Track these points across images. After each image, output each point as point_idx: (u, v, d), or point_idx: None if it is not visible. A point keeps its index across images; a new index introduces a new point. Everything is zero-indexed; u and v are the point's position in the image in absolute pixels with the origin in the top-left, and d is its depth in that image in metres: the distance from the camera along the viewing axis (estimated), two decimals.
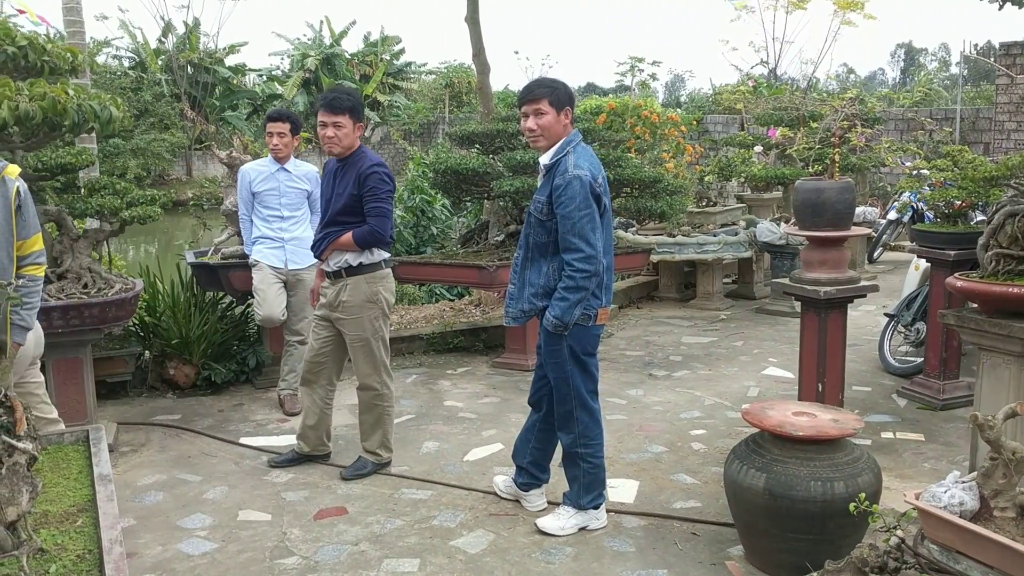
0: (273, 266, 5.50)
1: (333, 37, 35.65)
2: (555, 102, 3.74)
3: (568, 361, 3.80)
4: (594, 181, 3.65)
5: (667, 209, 6.47)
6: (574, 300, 3.66)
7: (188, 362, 5.95)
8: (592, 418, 3.92)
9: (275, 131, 5.50)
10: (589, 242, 3.61)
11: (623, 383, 6.16)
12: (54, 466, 2.85)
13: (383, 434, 4.60)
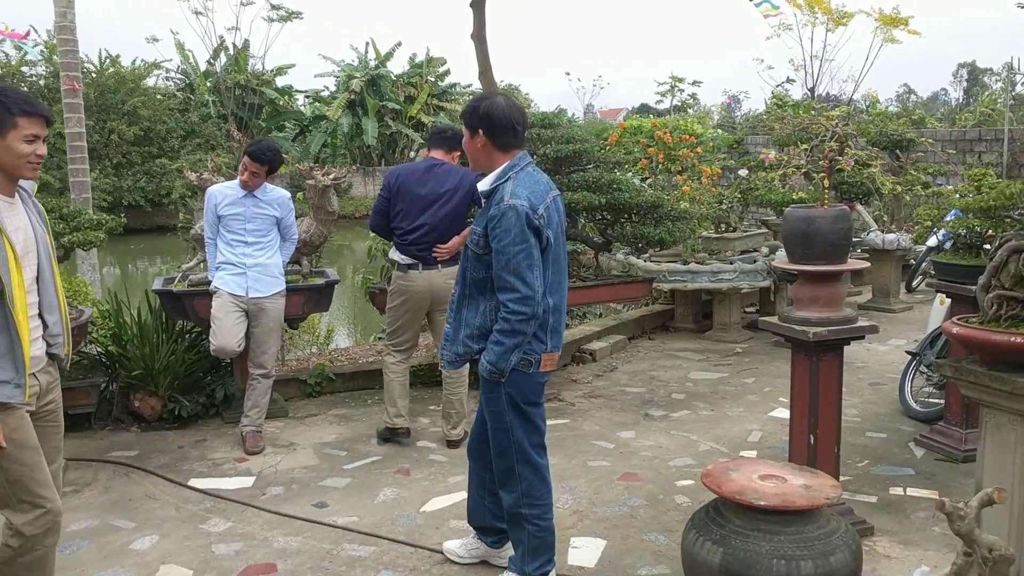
0: (233, 293, 5.18)
1: (379, 59, 35.82)
2: (467, 124, 3.38)
3: (507, 411, 3.37)
4: (532, 212, 3.20)
5: (667, 236, 6.01)
6: (509, 345, 3.23)
7: (154, 394, 5.66)
8: (538, 475, 3.47)
9: (251, 168, 5.16)
10: (525, 281, 3.18)
11: (615, 424, 5.71)
12: None
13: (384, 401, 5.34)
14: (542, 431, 3.48)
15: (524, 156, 3.41)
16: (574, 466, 4.96)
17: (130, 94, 28.66)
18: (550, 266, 3.31)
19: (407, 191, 5.08)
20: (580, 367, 7.21)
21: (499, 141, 3.33)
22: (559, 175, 6.02)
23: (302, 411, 6.05)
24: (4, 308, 2.78)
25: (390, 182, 5.15)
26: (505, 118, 3.31)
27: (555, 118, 7.44)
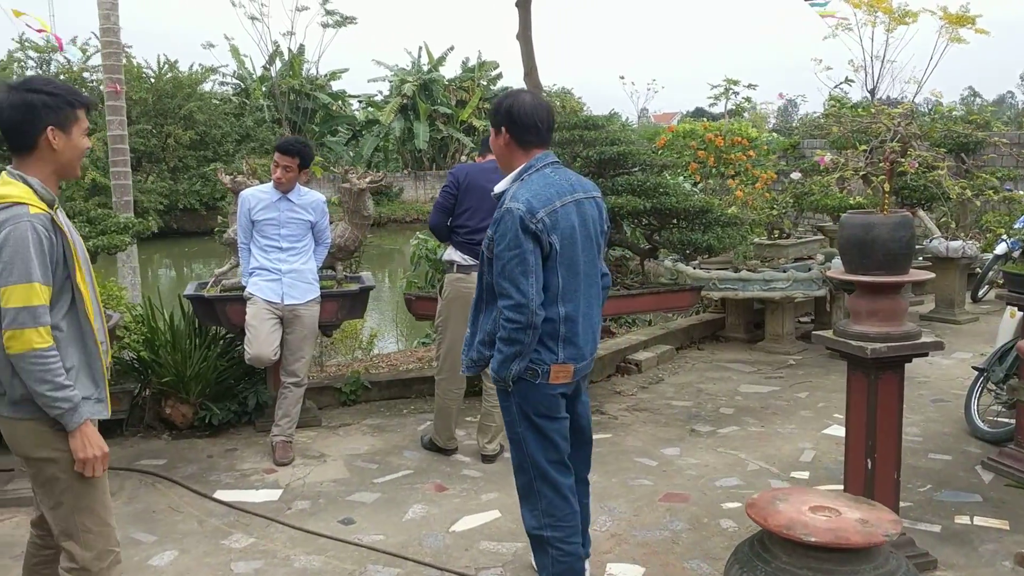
0: (268, 300, 5.04)
1: (431, 63, 35.86)
2: (493, 122, 3.25)
3: (518, 422, 3.19)
4: (530, 216, 3.00)
5: (715, 243, 5.73)
6: (508, 353, 3.06)
7: (185, 401, 5.55)
8: (558, 494, 3.23)
9: (282, 163, 5.03)
10: (519, 288, 3.00)
11: (659, 440, 5.44)
12: None
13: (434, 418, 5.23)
14: (560, 448, 3.25)
15: (544, 157, 3.22)
16: (614, 485, 4.71)
17: (187, 99, 29.02)
18: (558, 273, 3.10)
19: (476, 189, 4.84)
20: (625, 378, 6.95)
21: (522, 139, 3.20)
22: (603, 178, 5.79)
23: (335, 420, 5.89)
24: (78, 318, 2.65)
25: (458, 179, 4.94)
26: (528, 115, 3.18)
27: (600, 119, 7.21)
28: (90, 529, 2.72)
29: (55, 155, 2.62)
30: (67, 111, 2.64)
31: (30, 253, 2.48)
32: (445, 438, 5.16)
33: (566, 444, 3.29)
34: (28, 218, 2.51)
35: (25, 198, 2.53)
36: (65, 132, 2.64)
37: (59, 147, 2.61)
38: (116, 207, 7.88)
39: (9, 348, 2.48)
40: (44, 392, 2.52)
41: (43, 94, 2.60)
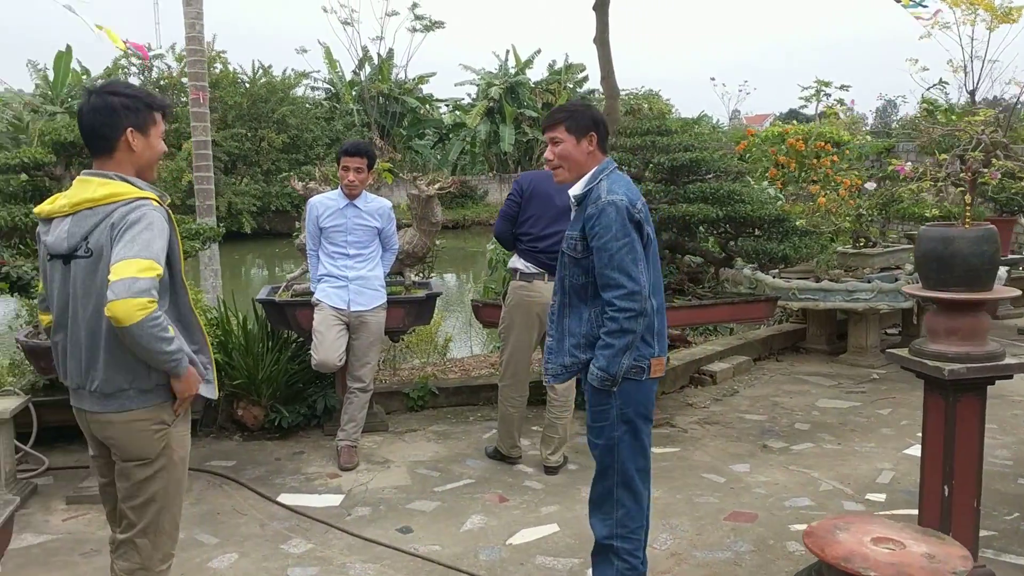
0: (335, 306, 5.08)
1: (518, 66, 35.97)
2: (573, 129, 3.24)
3: (616, 425, 3.15)
4: (632, 206, 3.10)
5: (791, 252, 5.53)
6: (620, 346, 3.04)
7: (256, 403, 5.65)
8: (637, 504, 3.21)
9: (352, 165, 5.08)
10: (631, 275, 3.03)
11: (729, 455, 5.28)
12: None
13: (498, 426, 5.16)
14: (649, 455, 3.26)
15: (611, 160, 3.34)
16: (678, 501, 4.59)
17: (280, 103, 29.79)
18: (651, 265, 3.16)
19: (541, 197, 4.84)
20: (698, 390, 6.78)
21: (604, 144, 3.31)
22: (675, 185, 5.65)
23: (402, 426, 5.91)
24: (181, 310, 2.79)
25: (522, 186, 4.92)
26: (606, 123, 3.33)
27: (673, 124, 7.05)
28: (167, 531, 2.84)
29: (134, 156, 2.72)
30: (145, 113, 2.74)
31: (154, 234, 2.59)
32: (508, 446, 5.12)
33: (651, 451, 3.26)
34: (156, 209, 2.65)
35: (145, 194, 2.66)
36: (143, 134, 2.74)
37: (138, 148, 2.71)
38: (199, 211, 8.10)
39: (124, 319, 2.48)
40: (163, 350, 2.58)
41: (123, 96, 2.70)
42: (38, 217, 2.79)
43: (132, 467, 2.76)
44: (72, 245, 2.63)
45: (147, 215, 2.59)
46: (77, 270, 2.65)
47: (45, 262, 2.75)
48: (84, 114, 2.69)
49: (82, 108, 2.69)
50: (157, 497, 2.79)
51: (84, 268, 2.64)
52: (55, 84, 30.60)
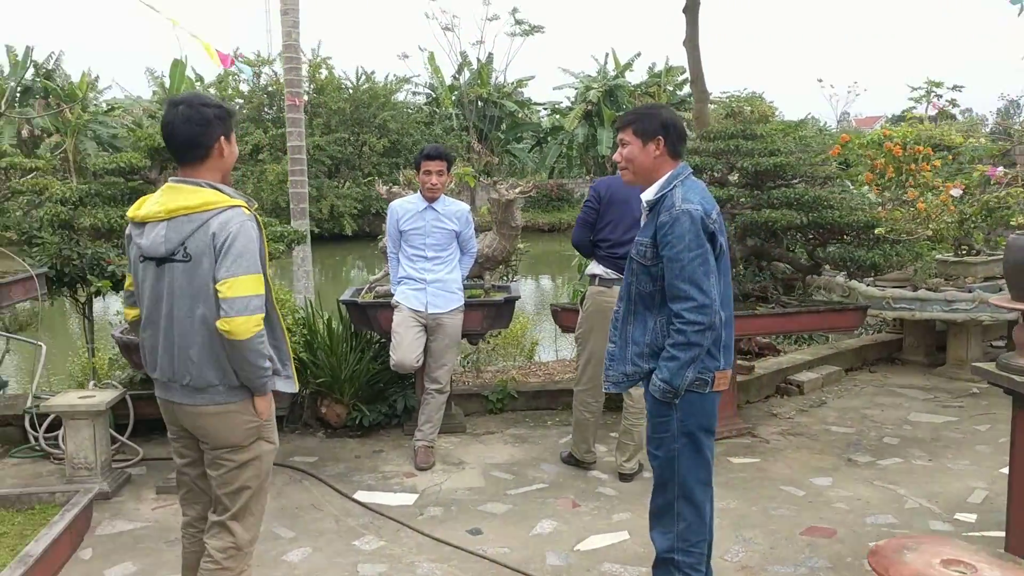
0: (413, 308, 5.17)
1: (617, 69, 35.73)
2: (640, 132, 3.21)
3: (677, 438, 3.12)
4: (707, 216, 3.04)
5: (881, 260, 5.33)
6: (685, 359, 3.01)
7: (339, 402, 5.79)
8: (698, 517, 3.17)
9: (433, 169, 5.17)
10: (701, 288, 2.98)
11: (810, 468, 5.13)
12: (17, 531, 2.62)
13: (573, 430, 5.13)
14: (711, 468, 3.21)
15: (686, 166, 3.27)
16: (753, 513, 4.48)
17: (381, 108, 30.41)
18: (722, 276, 3.11)
19: (618, 202, 4.80)
20: (784, 399, 6.61)
21: (675, 149, 3.24)
22: (759, 190, 5.53)
23: (480, 428, 5.96)
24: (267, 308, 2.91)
25: (599, 192, 4.88)
26: (681, 127, 3.27)
27: (774, 127, 6.89)
28: (256, 514, 3.04)
29: (222, 162, 2.90)
30: (228, 122, 2.92)
31: (255, 247, 2.80)
32: (583, 451, 5.10)
33: (713, 463, 3.21)
34: (247, 218, 2.81)
35: (237, 201, 2.83)
36: (228, 141, 2.91)
37: (226, 155, 2.90)
38: (293, 214, 8.35)
39: (238, 335, 2.72)
40: (260, 366, 2.81)
41: (213, 107, 2.87)
42: (130, 220, 2.93)
43: (225, 455, 2.93)
44: (170, 249, 2.77)
45: (244, 226, 2.77)
46: (175, 273, 2.79)
47: (137, 262, 2.89)
48: (178, 124, 2.81)
49: (174, 119, 2.82)
50: (250, 483, 2.97)
51: (182, 271, 2.78)
52: (171, 91, 31.98)
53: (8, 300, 5.09)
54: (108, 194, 4.61)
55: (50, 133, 29.25)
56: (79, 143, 29.06)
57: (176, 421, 3.00)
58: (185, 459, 3.08)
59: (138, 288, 2.93)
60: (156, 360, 2.92)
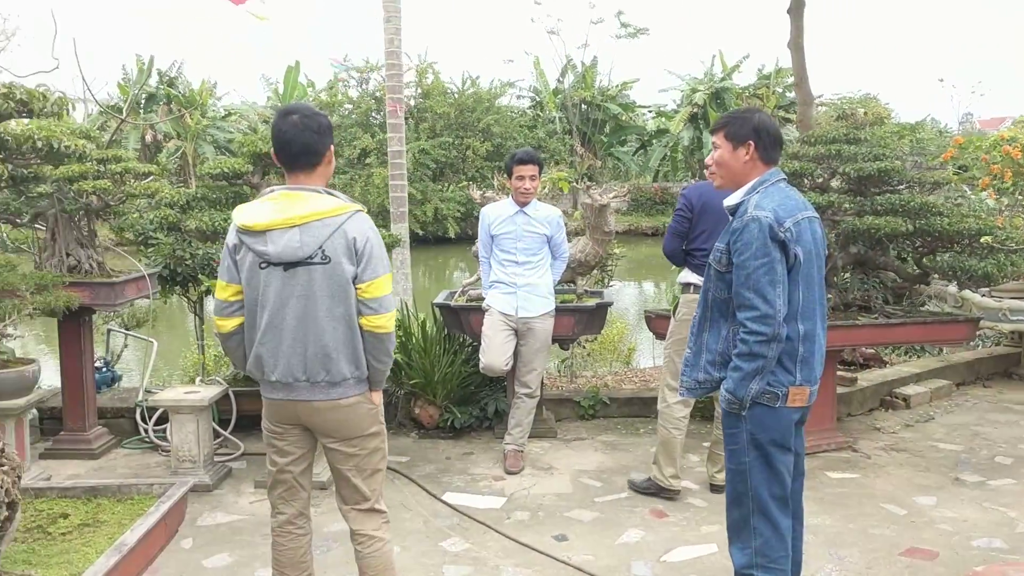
0: (504, 312, 5.20)
1: (725, 71, 35.14)
2: (731, 136, 3.15)
3: (747, 450, 3.06)
4: (778, 224, 2.94)
5: (995, 270, 5.06)
6: (748, 370, 2.95)
7: (432, 403, 5.87)
8: (776, 533, 3.07)
9: (526, 174, 5.20)
10: (765, 298, 2.91)
11: (914, 486, 4.92)
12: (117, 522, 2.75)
13: (657, 452, 4.75)
14: (785, 483, 3.10)
15: (777, 172, 3.18)
16: (851, 531, 4.33)
17: (485, 112, 30.71)
18: (800, 287, 3.00)
19: (712, 211, 4.63)
20: (888, 413, 6.36)
21: (767, 154, 3.16)
22: (861, 196, 5.34)
23: (571, 433, 5.94)
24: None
25: (692, 201, 4.73)
26: (776, 132, 3.18)
27: (888, 130, 6.64)
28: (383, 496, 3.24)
29: (328, 169, 3.03)
30: (333, 130, 3.06)
31: (383, 249, 3.00)
32: (669, 475, 4.73)
33: (790, 479, 3.14)
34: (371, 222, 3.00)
35: (358, 206, 2.98)
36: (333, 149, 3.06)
37: (332, 163, 3.04)
38: (393, 217, 8.50)
39: (387, 328, 2.98)
40: (387, 360, 3.04)
41: (323, 117, 3.01)
42: (244, 229, 2.92)
43: (357, 443, 3.08)
44: (308, 253, 2.87)
45: (375, 230, 2.99)
46: (312, 274, 2.89)
47: (255, 269, 2.93)
48: (297, 132, 2.92)
49: (291, 127, 2.92)
50: (380, 465, 3.17)
51: (321, 273, 2.89)
52: (284, 96, 33.17)
53: (122, 298, 5.35)
54: (213, 198, 4.80)
55: (171, 138, 30.70)
56: (198, 147, 30.45)
57: (293, 419, 3.07)
58: (290, 456, 3.15)
59: (254, 295, 2.96)
60: (276, 362, 2.98)
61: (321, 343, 2.93)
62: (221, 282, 3.00)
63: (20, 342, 9.51)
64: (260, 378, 3.05)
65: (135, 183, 5.40)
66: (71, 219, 5.31)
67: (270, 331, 2.96)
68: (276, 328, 2.95)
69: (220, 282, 3.01)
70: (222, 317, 3.05)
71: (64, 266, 5.25)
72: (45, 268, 5.21)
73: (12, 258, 5.01)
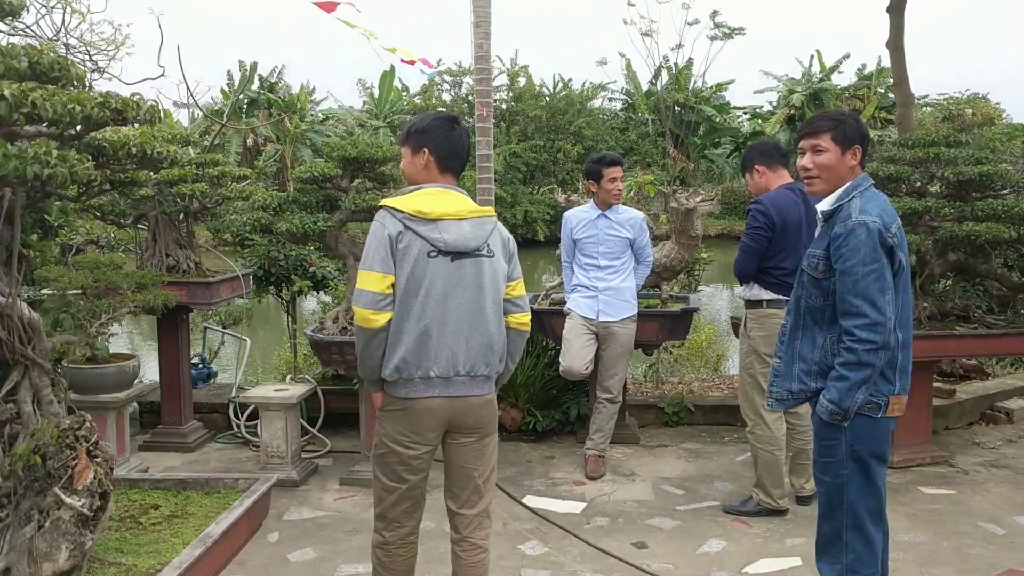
0: (584, 316, 5.18)
1: (823, 71, 34.27)
2: (840, 139, 3.03)
3: (846, 463, 2.97)
4: (885, 230, 2.88)
5: None
6: (855, 380, 2.86)
7: (514, 406, 5.90)
8: (868, 548, 2.99)
9: (617, 176, 5.18)
10: (875, 305, 2.83)
11: (1015, 505, 4.70)
12: (202, 514, 2.85)
13: (760, 477, 4.56)
14: (882, 496, 3.02)
15: (867, 176, 3.10)
16: (944, 549, 4.16)
17: (577, 115, 30.68)
18: (900, 294, 2.93)
19: (792, 227, 4.43)
20: (989, 428, 6.09)
21: (863, 159, 3.10)
22: (961, 201, 5.12)
23: (654, 440, 5.88)
24: None
25: (772, 218, 4.40)
26: (869, 135, 3.11)
27: (998, 131, 6.35)
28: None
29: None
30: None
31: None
32: (778, 496, 4.55)
33: (885, 492, 3.04)
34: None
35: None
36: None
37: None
38: None
39: (528, 327, 3.15)
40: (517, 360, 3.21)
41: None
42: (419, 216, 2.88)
43: (489, 440, 3.13)
44: (477, 245, 2.96)
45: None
46: (480, 266, 2.96)
47: (424, 257, 2.87)
48: (466, 140, 3.10)
49: (462, 135, 3.09)
50: (495, 459, 3.19)
51: (489, 265, 2.99)
52: (379, 101, 33.78)
53: (218, 297, 5.55)
54: (304, 201, 4.93)
55: (271, 141, 31.63)
56: (296, 151, 31.27)
57: (439, 421, 2.97)
58: (422, 473, 3.06)
59: (417, 285, 2.87)
60: (439, 355, 2.90)
61: (487, 335, 2.97)
62: (376, 274, 2.85)
63: (125, 338, 9.96)
64: (410, 377, 2.90)
65: (231, 186, 5.59)
66: (171, 221, 5.54)
67: (436, 322, 2.89)
68: (441, 319, 2.90)
69: (375, 274, 2.85)
70: (376, 311, 2.85)
71: (163, 266, 5.47)
72: (146, 268, 5.44)
73: (117, 258, 5.24)
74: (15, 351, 2.35)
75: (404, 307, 2.87)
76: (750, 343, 4.59)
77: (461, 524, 3.13)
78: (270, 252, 6.36)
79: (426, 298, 2.87)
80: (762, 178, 4.64)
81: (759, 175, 4.65)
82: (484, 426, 3.07)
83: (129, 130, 2.59)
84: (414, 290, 2.87)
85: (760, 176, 4.65)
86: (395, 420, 2.96)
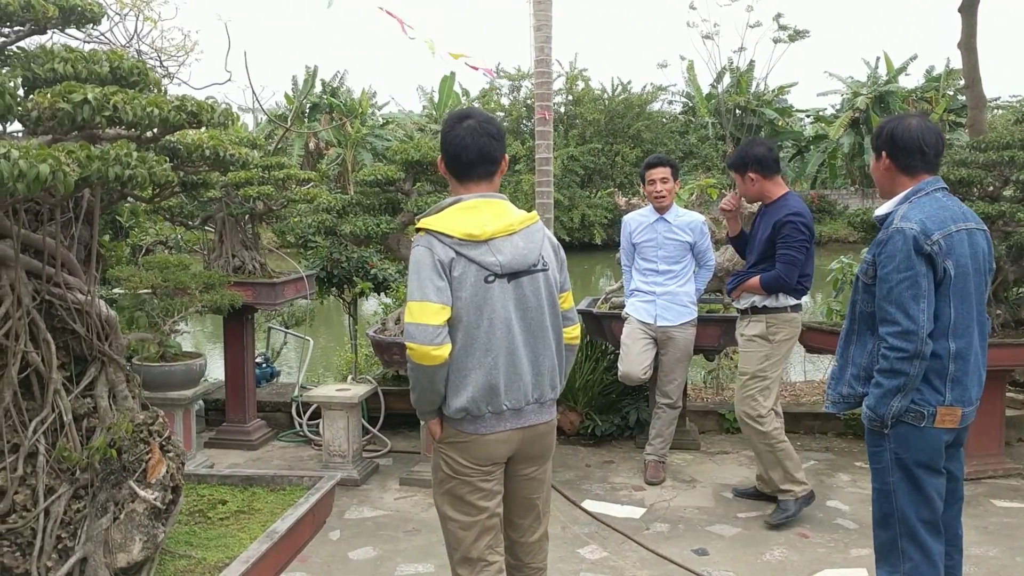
0: (642, 321, 5.15)
1: (890, 73, 33.62)
2: (873, 146, 3.11)
3: (891, 471, 2.94)
4: (925, 237, 2.81)
5: None
6: (889, 387, 2.84)
7: (573, 409, 5.88)
8: (927, 559, 2.92)
9: (656, 177, 5.15)
10: (908, 313, 2.79)
11: None
12: (268, 509, 2.90)
13: (783, 470, 4.54)
14: (935, 507, 2.94)
15: (933, 182, 3.03)
16: (1018, 564, 4.04)
17: (636, 118, 30.53)
18: (950, 303, 2.86)
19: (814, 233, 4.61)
20: None
21: (903, 164, 3.03)
22: None
23: (714, 446, 5.81)
24: None
25: (812, 229, 4.54)
26: (912, 140, 3.00)
27: None
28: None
29: (500, 178, 2.78)
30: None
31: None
32: (801, 476, 4.59)
33: (941, 503, 2.98)
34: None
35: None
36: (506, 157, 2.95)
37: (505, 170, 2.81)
38: None
39: (579, 341, 2.98)
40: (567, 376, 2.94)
41: (498, 121, 2.86)
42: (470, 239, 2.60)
43: (548, 464, 2.95)
44: (534, 260, 2.67)
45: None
46: (537, 283, 2.69)
47: (480, 284, 2.61)
48: (474, 138, 2.68)
49: (467, 132, 2.69)
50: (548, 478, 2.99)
51: (544, 280, 2.71)
52: (439, 105, 34.10)
53: (282, 298, 5.65)
54: (367, 203, 4.99)
55: (333, 145, 32.12)
56: (357, 154, 31.72)
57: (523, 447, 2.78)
58: (498, 496, 2.80)
59: (478, 314, 2.61)
60: (510, 385, 2.67)
61: (551, 357, 2.75)
62: (434, 305, 2.54)
63: (192, 337, 10.19)
64: (480, 412, 2.65)
65: (296, 188, 5.69)
66: (237, 222, 5.66)
67: (504, 353, 2.64)
68: (509, 349, 2.64)
69: (432, 305, 2.54)
70: (437, 346, 2.55)
71: (230, 267, 5.59)
72: (213, 268, 5.56)
73: (185, 258, 5.38)
74: (93, 347, 2.42)
75: (467, 340, 2.60)
76: (770, 347, 4.57)
77: (522, 552, 2.94)
78: (332, 254, 6.45)
79: (490, 328, 2.60)
80: (755, 186, 4.59)
81: (751, 183, 4.59)
82: (547, 453, 2.88)
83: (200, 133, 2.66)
84: (475, 321, 2.60)
85: (752, 185, 4.60)
86: (460, 451, 2.71)
